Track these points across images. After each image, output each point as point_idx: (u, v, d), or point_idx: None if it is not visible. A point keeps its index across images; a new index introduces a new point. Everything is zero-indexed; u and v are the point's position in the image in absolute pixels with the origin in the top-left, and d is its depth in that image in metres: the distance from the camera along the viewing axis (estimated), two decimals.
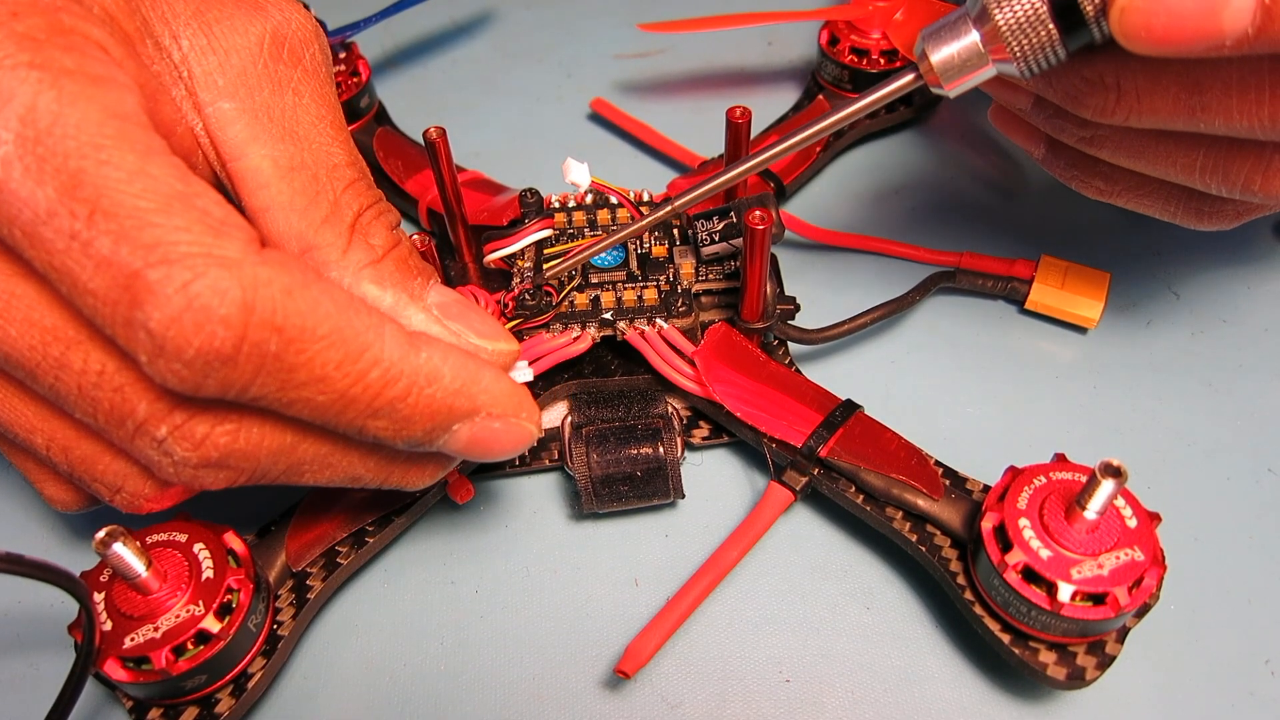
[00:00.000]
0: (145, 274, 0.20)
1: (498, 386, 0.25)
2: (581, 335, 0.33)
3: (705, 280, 0.35)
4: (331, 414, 0.23)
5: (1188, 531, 0.33)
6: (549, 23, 0.55)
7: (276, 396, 0.22)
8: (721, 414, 0.33)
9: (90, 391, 0.23)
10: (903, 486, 0.31)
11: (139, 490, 0.25)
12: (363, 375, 0.23)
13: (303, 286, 0.22)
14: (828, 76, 0.45)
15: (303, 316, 0.21)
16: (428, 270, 0.28)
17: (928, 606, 0.32)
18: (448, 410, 0.24)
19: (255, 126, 0.26)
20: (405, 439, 0.25)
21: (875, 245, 0.41)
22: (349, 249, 0.26)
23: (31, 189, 0.20)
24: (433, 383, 0.24)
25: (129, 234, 0.20)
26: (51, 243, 0.20)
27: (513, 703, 0.30)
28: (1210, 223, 0.31)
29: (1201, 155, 0.27)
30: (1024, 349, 0.39)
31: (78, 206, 0.20)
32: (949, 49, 0.24)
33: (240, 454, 0.23)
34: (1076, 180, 0.32)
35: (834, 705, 0.30)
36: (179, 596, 0.27)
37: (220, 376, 0.21)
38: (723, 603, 0.32)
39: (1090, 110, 0.26)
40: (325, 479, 0.26)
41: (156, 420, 0.22)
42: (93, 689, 0.30)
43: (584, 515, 0.34)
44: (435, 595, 0.33)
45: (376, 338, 0.23)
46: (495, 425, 0.26)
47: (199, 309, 0.20)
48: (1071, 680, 0.28)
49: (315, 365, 0.22)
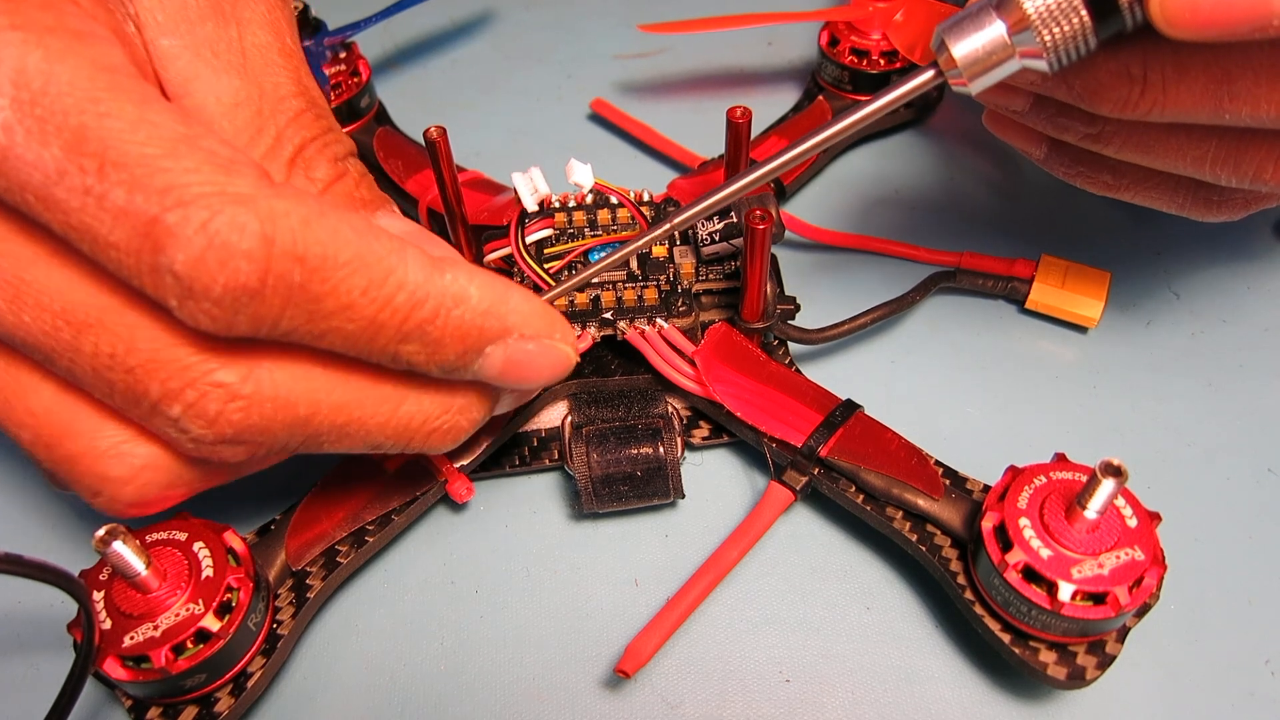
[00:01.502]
0: (163, 218, 0.20)
1: (527, 306, 0.25)
2: (582, 335, 0.33)
3: (705, 280, 0.35)
4: (363, 342, 0.23)
5: (1188, 531, 0.33)
6: (549, 23, 0.55)
7: (307, 329, 0.22)
8: (721, 414, 0.33)
9: (104, 374, 0.23)
10: (903, 486, 0.31)
11: (118, 495, 0.25)
12: (389, 300, 0.23)
13: (319, 216, 0.22)
14: (828, 77, 0.45)
15: (323, 245, 0.22)
16: (379, 200, 0.27)
17: (928, 606, 0.32)
18: (478, 331, 0.24)
19: (197, 63, 0.25)
20: (439, 364, 0.25)
21: (875, 245, 0.41)
22: (287, 182, 0.25)
23: (38, 151, 0.20)
24: (460, 303, 0.24)
25: (141, 181, 0.20)
26: (66, 202, 0.21)
27: (513, 703, 0.30)
28: (1219, 213, 0.30)
29: (1213, 147, 0.27)
30: (1024, 349, 0.39)
31: (86, 161, 0.20)
32: (971, 42, 0.23)
33: (255, 428, 0.23)
34: (1081, 177, 0.31)
35: (834, 705, 0.30)
36: (179, 595, 0.27)
37: (250, 312, 0.21)
38: (723, 603, 0.32)
39: (1111, 105, 0.26)
40: (345, 447, 0.25)
41: (169, 400, 0.22)
42: (92, 688, 0.30)
43: (584, 515, 0.34)
44: (435, 595, 0.33)
45: (399, 261, 0.23)
46: (529, 347, 0.26)
47: (221, 246, 0.20)
48: (1071, 680, 0.28)
49: (341, 293, 0.22)
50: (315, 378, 0.24)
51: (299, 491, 0.32)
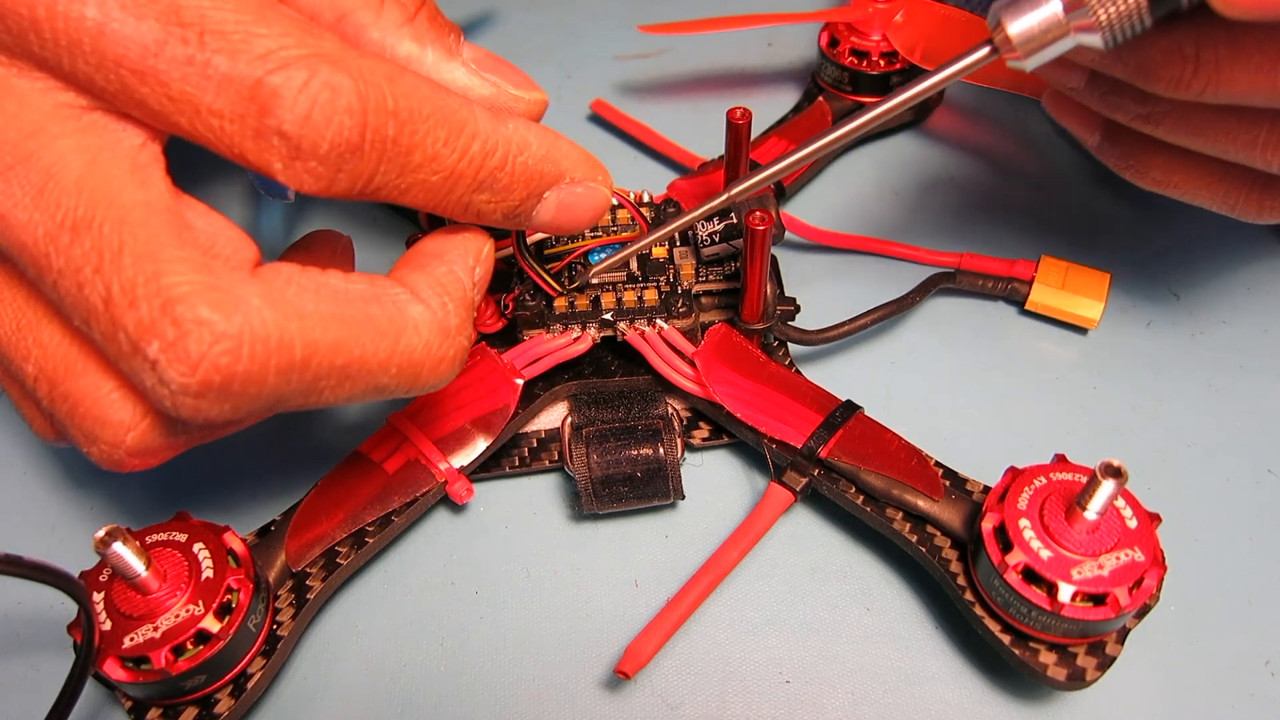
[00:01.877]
0: (267, 80, 0.21)
1: (575, 153, 0.27)
2: (582, 336, 0.33)
3: (705, 281, 0.35)
4: (443, 193, 0.25)
5: (1188, 532, 0.33)
6: (549, 24, 0.55)
7: (395, 183, 0.23)
8: (721, 415, 0.33)
9: (85, 296, 0.21)
10: (903, 487, 0.31)
11: (116, 441, 0.24)
12: (466, 149, 0.24)
13: (400, 73, 0.23)
14: (828, 78, 0.45)
15: (409, 99, 0.23)
16: (455, 27, 0.28)
17: (928, 607, 0.32)
18: (540, 176, 0.26)
19: None
20: (504, 210, 0.26)
21: (875, 245, 0.41)
22: (382, 9, 0.26)
23: (135, 25, 0.21)
24: (524, 150, 0.26)
25: (240, 48, 0.21)
26: (167, 73, 0.21)
27: (513, 703, 0.30)
28: (1272, 213, 0.30)
29: (1265, 130, 0.27)
30: (1024, 349, 0.39)
31: (186, 32, 0.21)
32: (1028, 19, 0.24)
33: (244, 375, 0.21)
34: (1132, 170, 0.31)
35: (834, 706, 0.30)
36: (178, 596, 0.27)
37: (351, 168, 0.22)
38: (723, 603, 0.32)
39: (1164, 84, 0.26)
40: (347, 392, 0.24)
41: (145, 333, 0.21)
42: (92, 689, 0.30)
43: (584, 516, 0.34)
44: (435, 596, 0.33)
45: (470, 114, 0.24)
46: (578, 190, 0.28)
47: (325, 103, 0.21)
48: (1072, 681, 0.28)
49: (427, 144, 0.23)
50: (310, 316, 0.22)
51: (299, 492, 0.32)
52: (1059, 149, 0.46)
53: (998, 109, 0.48)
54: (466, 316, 0.26)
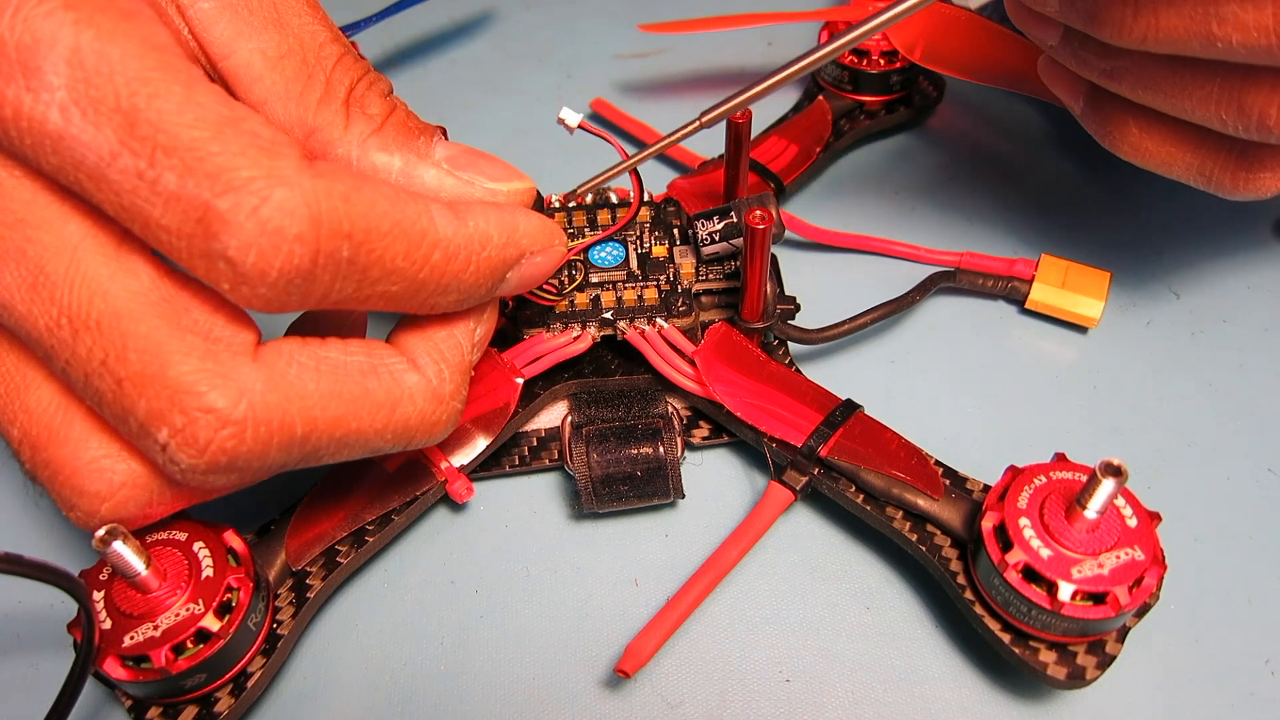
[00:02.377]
0: (215, 204, 0.20)
1: (531, 225, 0.27)
2: (581, 335, 0.33)
3: (705, 280, 0.35)
4: (404, 301, 0.24)
5: (1188, 531, 0.33)
6: (549, 23, 0.55)
7: (354, 296, 0.23)
8: (721, 414, 0.33)
9: (95, 381, 0.22)
10: (903, 486, 0.31)
11: (92, 510, 0.25)
12: (427, 259, 0.24)
13: (357, 190, 0.22)
14: (828, 77, 0.45)
15: (365, 218, 0.22)
16: (429, 129, 0.28)
17: (928, 606, 0.32)
18: (502, 264, 0.26)
19: (237, 22, 0.26)
20: (470, 303, 0.26)
21: (875, 245, 0.41)
22: (349, 124, 0.26)
23: (93, 133, 0.20)
24: (485, 245, 0.25)
25: (192, 166, 0.20)
26: (119, 184, 0.21)
27: (513, 703, 0.30)
28: (1248, 187, 0.30)
29: (1216, 86, 0.27)
30: (1024, 349, 0.39)
31: (139, 145, 0.20)
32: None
33: (249, 454, 0.23)
34: (1110, 137, 0.32)
35: (834, 705, 0.30)
36: (179, 595, 0.27)
37: (302, 291, 0.22)
38: (723, 603, 0.32)
39: (1110, 29, 0.27)
40: (345, 456, 0.26)
41: (156, 421, 0.22)
42: (92, 688, 0.30)
43: (584, 515, 0.34)
44: (435, 595, 0.33)
45: (430, 221, 0.24)
46: (537, 260, 0.28)
47: (273, 231, 0.21)
48: (1071, 680, 0.28)
49: (385, 260, 0.23)
50: (310, 396, 0.24)
51: (299, 491, 0.32)
52: (1059, 149, 0.46)
53: (998, 108, 0.48)
54: (462, 382, 0.28)
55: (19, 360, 0.25)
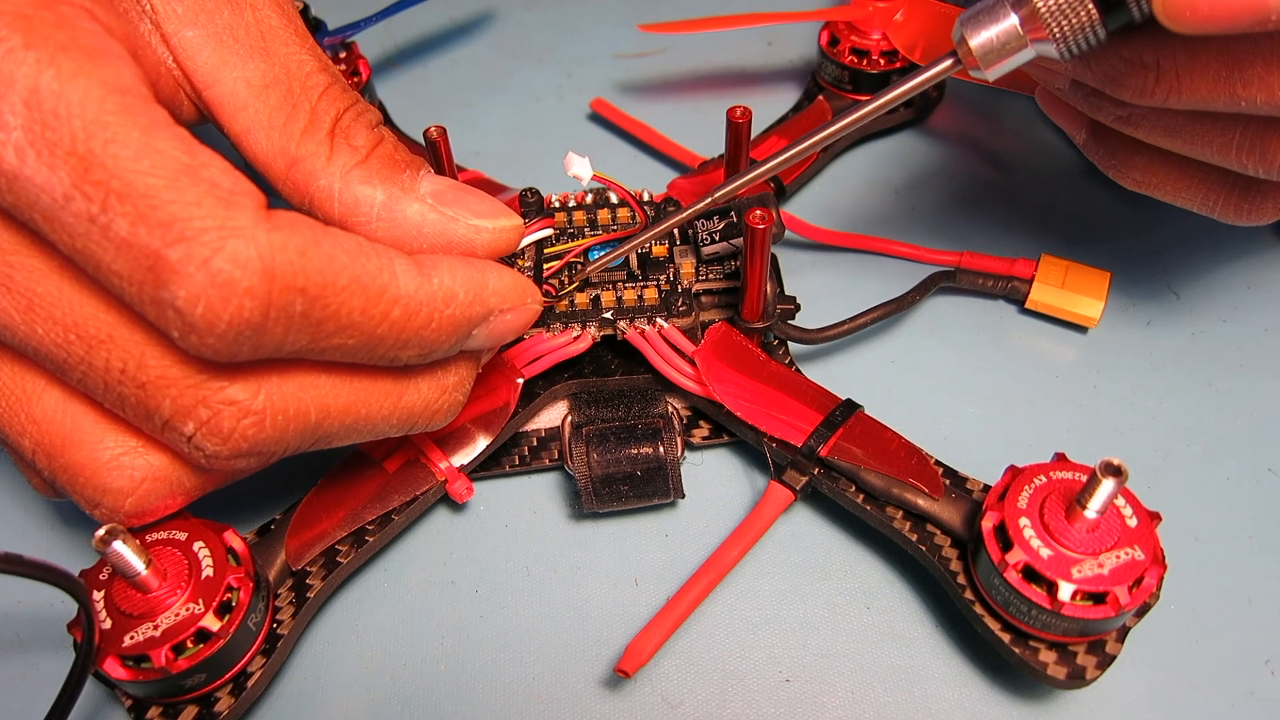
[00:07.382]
0: (166, 254, 0.20)
1: (502, 283, 0.27)
2: (582, 335, 0.33)
3: (705, 280, 0.35)
4: (363, 354, 0.24)
5: (1188, 531, 0.33)
6: (549, 23, 0.55)
7: (309, 348, 0.23)
8: (721, 413, 0.33)
9: (116, 389, 0.23)
10: (903, 486, 0.31)
11: (117, 506, 0.26)
12: (386, 315, 0.24)
13: (315, 244, 0.22)
14: (828, 77, 0.45)
15: (321, 273, 0.22)
16: (416, 161, 0.28)
17: (928, 606, 0.32)
18: (467, 321, 0.26)
19: (222, 50, 0.26)
20: (433, 358, 0.26)
21: (875, 245, 0.41)
22: (333, 155, 0.26)
23: (47, 175, 0.20)
24: (449, 303, 0.25)
25: (144, 214, 0.20)
26: (72, 227, 0.21)
27: (513, 703, 0.30)
28: (1250, 216, 0.30)
29: (1238, 134, 0.27)
30: (1024, 349, 0.39)
31: (92, 190, 0.20)
32: (988, 33, 0.25)
33: (269, 440, 0.24)
34: (1115, 169, 0.31)
35: (834, 705, 0.30)
36: (179, 595, 0.27)
37: (253, 342, 0.22)
38: (723, 603, 0.32)
39: (1129, 92, 0.26)
40: (353, 440, 0.27)
41: (182, 417, 0.23)
42: (92, 688, 0.30)
43: (584, 515, 0.34)
44: (435, 595, 0.33)
45: (391, 277, 0.24)
46: (508, 317, 0.27)
47: (223, 283, 0.20)
48: (1071, 680, 0.28)
49: (341, 315, 0.23)
50: (323, 385, 0.25)
51: (299, 491, 0.32)
52: (1059, 148, 0.46)
53: (998, 107, 0.48)
54: (467, 374, 0.28)
55: (16, 372, 0.25)
